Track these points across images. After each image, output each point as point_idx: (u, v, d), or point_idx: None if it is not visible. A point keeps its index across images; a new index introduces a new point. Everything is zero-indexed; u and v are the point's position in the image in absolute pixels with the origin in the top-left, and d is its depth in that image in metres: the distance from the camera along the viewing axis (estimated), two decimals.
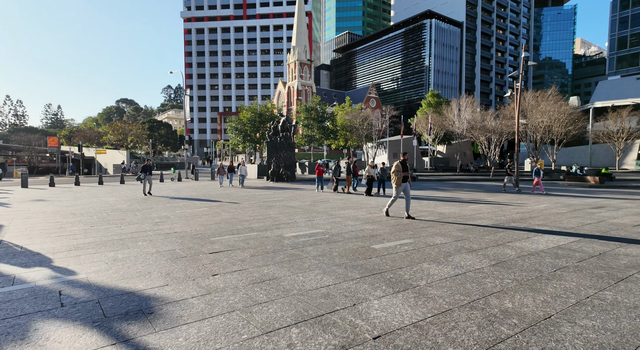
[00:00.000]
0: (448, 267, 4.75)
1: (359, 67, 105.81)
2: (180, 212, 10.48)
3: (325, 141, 43.37)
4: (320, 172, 17.37)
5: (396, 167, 8.85)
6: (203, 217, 9.38)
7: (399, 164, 8.91)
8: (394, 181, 8.92)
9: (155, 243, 6.34)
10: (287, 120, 26.48)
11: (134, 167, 42.15)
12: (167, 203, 12.81)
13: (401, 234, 7.03)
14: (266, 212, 10.25)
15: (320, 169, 17.48)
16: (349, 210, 10.54)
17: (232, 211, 10.55)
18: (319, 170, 17.42)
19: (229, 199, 13.85)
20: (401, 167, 8.84)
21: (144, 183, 15.74)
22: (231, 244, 6.26)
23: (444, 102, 44.72)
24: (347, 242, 6.32)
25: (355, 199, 13.70)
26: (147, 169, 15.87)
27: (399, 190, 8.94)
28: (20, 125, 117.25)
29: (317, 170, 17.45)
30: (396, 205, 11.53)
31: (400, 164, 8.89)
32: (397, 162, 8.98)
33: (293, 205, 11.92)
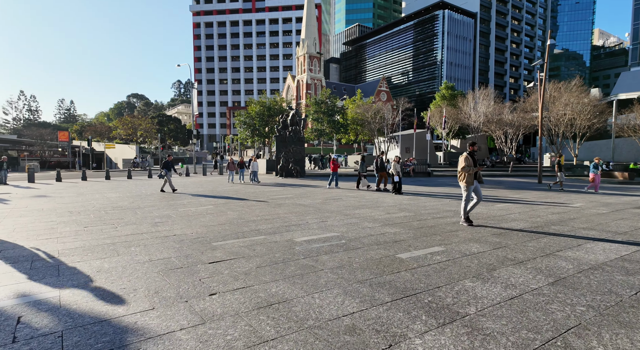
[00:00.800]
0: (497, 286, 3.87)
1: (369, 60, 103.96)
2: (183, 210, 9.76)
3: (336, 135, 42.32)
4: (335, 167, 16.49)
5: (466, 161, 7.13)
6: (207, 217, 8.64)
7: (469, 156, 7.21)
8: (463, 179, 7.26)
9: (149, 249, 5.59)
10: (297, 114, 25.62)
11: (143, 162, 41.90)
12: (171, 200, 12.13)
13: (428, 240, 6.15)
14: (275, 211, 9.47)
15: (335, 164, 16.59)
16: (364, 210, 9.68)
17: (239, 210, 9.79)
18: (334, 165, 16.55)
19: (236, 196, 13.12)
20: (472, 161, 7.18)
21: (167, 180, 14.79)
22: (235, 250, 5.47)
23: (459, 94, 43.17)
24: (367, 250, 5.48)
25: (370, 197, 12.82)
26: (169, 165, 14.94)
27: (471, 189, 7.26)
28: (34, 120, 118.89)
29: (332, 165, 16.59)
30: (412, 203, 10.62)
31: (469, 157, 7.21)
32: (465, 154, 7.26)
33: (304, 203, 11.11)
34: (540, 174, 19.91)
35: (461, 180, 7.31)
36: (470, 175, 7.15)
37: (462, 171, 7.19)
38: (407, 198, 12.55)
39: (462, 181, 7.28)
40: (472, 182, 7.18)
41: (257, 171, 19.92)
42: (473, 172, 7.10)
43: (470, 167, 7.10)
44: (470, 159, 7.17)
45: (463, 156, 7.22)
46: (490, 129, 35.41)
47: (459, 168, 7.22)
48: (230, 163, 19.80)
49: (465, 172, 7.14)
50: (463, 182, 7.28)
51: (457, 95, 42.65)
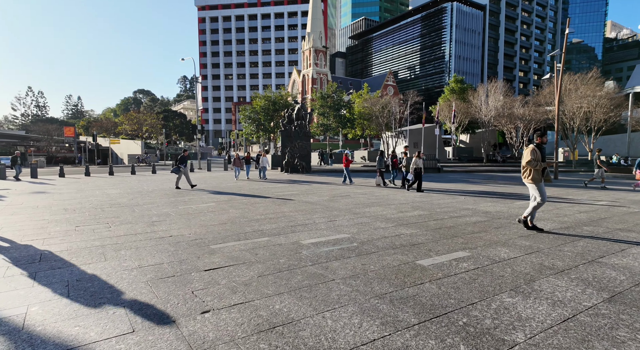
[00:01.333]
0: (543, 304, 3.26)
1: (376, 54, 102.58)
2: (184, 208, 9.24)
3: (342, 130, 41.52)
4: (347, 163, 15.77)
5: (532, 155, 5.99)
6: (207, 215, 8.11)
7: (536, 149, 6.04)
8: (529, 176, 6.12)
9: (141, 252, 5.06)
10: (302, 108, 24.98)
11: (148, 158, 41.62)
12: (172, 197, 11.64)
13: (450, 243, 5.53)
14: (280, 209, 8.90)
15: (348, 160, 15.87)
16: (375, 208, 9.07)
17: (242, 207, 9.25)
18: (346, 161, 15.81)
19: (239, 193, 12.58)
20: (540, 155, 6.05)
21: (181, 176, 14.24)
22: (235, 255, 4.91)
23: (469, 88, 42.07)
24: (383, 255, 4.88)
25: (379, 194, 12.20)
26: (184, 161, 14.28)
27: (542, 188, 6.09)
28: (42, 116, 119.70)
29: (345, 160, 15.84)
30: (426, 201, 9.98)
31: (537, 150, 6.05)
32: (531, 146, 6.12)
33: (310, 200, 10.53)
34: (556, 169, 19.10)
35: (526, 177, 6.21)
36: (537, 172, 6.07)
37: (527, 166, 6.09)
38: (419, 195, 11.91)
39: (528, 178, 6.18)
40: (540, 179, 6.11)
41: (266, 167, 19.10)
42: (541, 167, 6.01)
43: (538, 162, 6.00)
44: (538, 152, 6.04)
45: (529, 149, 6.10)
46: (501, 123, 34.44)
47: (524, 162, 6.16)
48: (236, 159, 18.92)
49: (531, 167, 6.05)
50: (528, 180, 6.17)
51: (466, 88, 41.57)
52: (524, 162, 6.17)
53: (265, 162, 18.98)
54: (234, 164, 18.86)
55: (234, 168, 19.05)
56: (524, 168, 6.24)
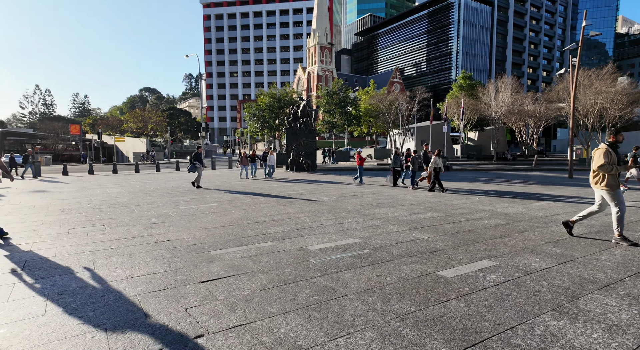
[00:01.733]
0: (596, 330, 2.76)
1: (382, 51, 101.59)
2: (185, 209, 8.84)
3: (348, 128, 40.89)
4: (361, 161, 15.10)
5: (606, 157, 5.11)
6: (209, 217, 7.69)
7: (610, 151, 5.17)
8: (602, 182, 5.23)
9: (134, 260, 4.64)
10: (308, 105, 24.49)
11: (152, 155, 41.46)
12: (174, 196, 11.25)
13: (472, 250, 5.04)
14: (285, 210, 8.46)
15: (361, 158, 15.21)
16: (385, 209, 8.58)
17: (245, 208, 8.82)
18: (360, 159, 15.16)
19: (243, 192, 12.15)
20: (615, 157, 5.15)
21: (200, 173, 13.65)
22: (236, 263, 4.47)
23: (477, 84, 41.21)
24: (399, 264, 4.40)
25: (389, 194, 11.70)
26: (200, 158, 13.77)
27: (619, 195, 5.22)
28: (49, 114, 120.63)
29: (358, 159, 15.20)
30: (438, 201, 9.45)
31: (611, 152, 5.18)
32: (603, 147, 5.23)
33: (317, 200, 10.07)
34: (571, 168, 18.43)
35: (599, 183, 5.26)
36: (613, 177, 5.16)
37: (600, 170, 5.16)
38: (431, 195, 11.39)
39: (601, 185, 5.24)
40: (617, 184, 5.19)
41: (274, 165, 18.36)
42: (617, 172, 5.11)
43: (614, 166, 5.07)
44: (613, 155, 5.14)
45: (601, 150, 5.18)
46: (511, 120, 33.63)
47: (595, 166, 5.21)
48: (243, 157, 18.15)
49: (604, 171, 5.12)
50: (602, 187, 5.23)
51: (475, 85, 40.72)
52: (594, 166, 5.24)
53: (272, 160, 18.31)
54: (241, 163, 18.09)
55: (240, 167, 18.32)
56: (595, 172, 5.33)
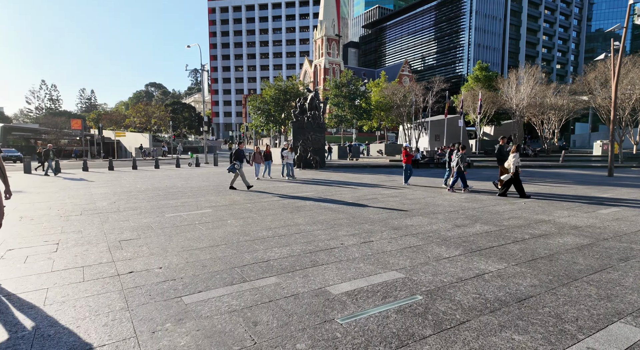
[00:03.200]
0: None
1: (390, 43, 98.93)
2: (171, 217, 7.22)
3: (358, 122, 38.94)
4: (408, 159, 12.54)
5: None
6: (197, 230, 6.06)
7: None
8: None
9: (63, 315, 3.00)
10: (316, 97, 22.72)
11: (154, 151, 40.04)
12: (162, 199, 9.64)
13: (580, 297, 3.31)
14: (293, 220, 6.80)
15: (409, 155, 12.67)
16: (418, 219, 6.88)
17: (244, 216, 7.17)
18: (407, 157, 12.59)
19: (244, 194, 10.50)
20: None
21: (237, 175, 11.72)
22: (218, 326, 2.81)
23: (494, 76, 38.95)
24: (483, 332, 2.70)
25: (413, 196, 9.96)
26: (241, 156, 11.65)
27: None
28: (55, 109, 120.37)
29: (405, 156, 12.62)
30: (477, 207, 7.68)
31: None
32: None
33: (330, 206, 8.38)
34: (611, 165, 16.46)
35: None
36: None
37: None
38: (464, 198, 9.64)
39: None
40: None
41: (291, 163, 15.54)
42: None
43: None
44: None
45: None
46: (531, 113, 31.51)
47: None
48: (257, 154, 15.25)
49: None
50: None
51: (492, 76, 38.48)
52: None
53: (291, 157, 15.53)
54: (254, 160, 15.18)
55: (253, 165, 15.30)
56: None
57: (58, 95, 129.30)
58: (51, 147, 18.99)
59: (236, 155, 11.59)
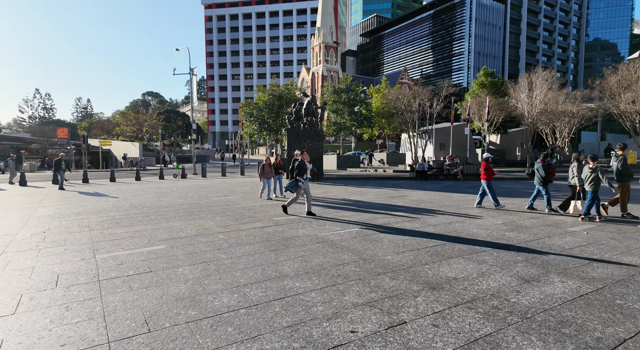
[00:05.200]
0: None
1: (388, 52, 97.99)
2: (102, 259, 5.01)
3: (358, 130, 36.87)
4: (489, 174, 9.47)
5: None
6: (121, 291, 3.84)
7: None
8: None
9: None
10: (313, 102, 20.69)
11: (142, 162, 37.79)
12: (113, 226, 7.42)
13: None
14: (276, 266, 4.59)
15: (490, 170, 9.49)
16: (462, 265, 4.69)
17: (206, 261, 4.95)
18: (486, 172, 9.46)
19: (220, 215, 8.28)
20: None
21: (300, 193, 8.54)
22: None
23: (500, 82, 37.18)
24: None
25: (434, 221, 7.78)
26: (304, 169, 8.46)
27: None
28: (49, 119, 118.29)
29: (484, 169, 9.52)
30: (531, 240, 5.50)
31: None
32: None
33: (331, 239, 6.17)
34: None
35: None
36: None
37: None
38: (502, 222, 7.45)
39: None
40: None
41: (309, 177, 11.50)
42: None
43: None
44: None
45: None
46: (542, 121, 29.59)
47: None
48: (267, 166, 11.90)
49: None
50: None
51: (498, 82, 36.70)
52: None
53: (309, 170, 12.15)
54: (263, 175, 11.87)
55: (262, 181, 11.96)
56: None
57: (52, 104, 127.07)
58: (63, 157, 16.44)
59: (299, 168, 8.40)
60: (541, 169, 8.94)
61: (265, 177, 11.90)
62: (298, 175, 8.38)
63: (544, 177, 8.93)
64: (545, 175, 8.90)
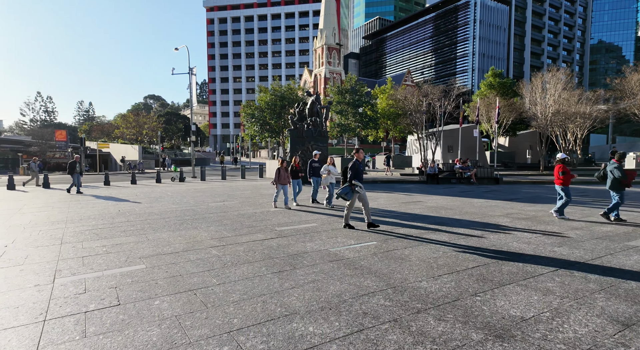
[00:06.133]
0: None
1: (391, 54, 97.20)
2: (63, 285, 3.99)
3: (363, 131, 35.77)
4: (567, 179, 8.13)
5: None
6: (63, 343, 2.76)
7: None
8: None
9: None
10: (317, 101, 19.69)
11: (140, 165, 36.82)
12: (91, 238, 6.37)
13: None
14: (279, 296, 3.51)
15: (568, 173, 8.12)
16: (520, 294, 3.61)
17: (191, 288, 3.88)
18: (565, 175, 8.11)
19: (216, 227, 7.22)
20: None
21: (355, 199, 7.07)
22: None
23: (509, 83, 36.13)
24: None
25: (487, 242, 6.70)
26: (360, 172, 7.02)
27: None
28: (50, 122, 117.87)
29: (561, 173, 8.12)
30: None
31: None
32: None
33: (347, 256, 5.09)
34: None
35: None
36: None
37: None
38: (541, 232, 6.35)
39: None
40: None
41: (334, 183, 10.71)
42: None
43: None
44: None
45: None
46: (554, 122, 28.46)
47: None
48: (283, 170, 10.18)
49: None
50: None
51: (507, 83, 35.64)
52: None
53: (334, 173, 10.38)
54: (279, 181, 10.08)
55: (277, 187, 10.19)
56: None
57: (53, 107, 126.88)
58: (78, 159, 15.24)
59: (354, 170, 6.95)
60: (617, 171, 7.80)
61: (282, 182, 10.08)
62: (354, 178, 6.89)
63: (620, 180, 7.81)
64: (623, 177, 7.76)
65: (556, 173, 8.28)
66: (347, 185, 6.93)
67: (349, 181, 6.91)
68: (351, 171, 6.92)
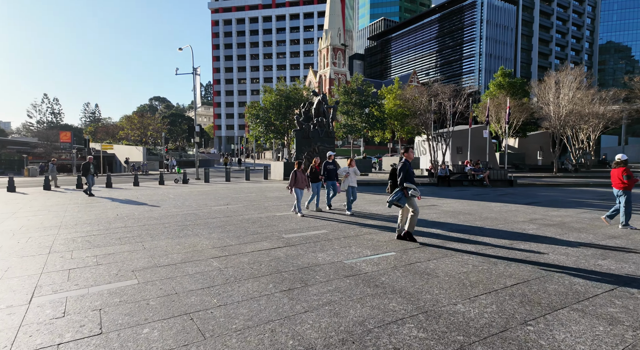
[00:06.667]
0: None
1: (396, 55, 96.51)
2: (41, 304, 3.42)
3: (370, 132, 35.11)
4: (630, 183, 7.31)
5: None
6: None
7: None
8: None
9: None
10: (324, 101, 19.14)
11: (144, 166, 36.49)
12: (85, 247, 5.85)
13: None
14: (291, 323, 2.92)
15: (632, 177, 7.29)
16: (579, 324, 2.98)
17: (186, 306, 3.31)
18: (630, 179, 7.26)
19: (219, 233, 6.66)
20: None
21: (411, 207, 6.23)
22: None
23: (519, 82, 35.32)
24: None
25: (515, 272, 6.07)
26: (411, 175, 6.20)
27: None
28: (57, 123, 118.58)
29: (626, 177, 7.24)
30: None
31: None
32: None
33: (364, 270, 4.49)
34: None
35: None
36: None
37: None
38: (577, 242, 5.71)
39: None
40: None
41: (355, 187, 9.50)
42: None
43: None
44: None
45: None
46: (568, 123, 27.64)
47: None
48: (299, 173, 9.15)
49: None
50: None
51: (517, 83, 34.85)
52: None
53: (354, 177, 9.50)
54: (296, 185, 9.04)
55: (294, 192, 9.06)
56: None
57: (60, 109, 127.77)
58: (91, 160, 14.70)
59: (404, 171, 6.05)
60: None
61: (299, 186, 9.00)
62: (406, 181, 6.01)
63: None
64: None
65: (619, 176, 7.35)
66: (398, 189, 6.10)
67: (399, 184, 6.08)
68: (402, 172, 6.02)
